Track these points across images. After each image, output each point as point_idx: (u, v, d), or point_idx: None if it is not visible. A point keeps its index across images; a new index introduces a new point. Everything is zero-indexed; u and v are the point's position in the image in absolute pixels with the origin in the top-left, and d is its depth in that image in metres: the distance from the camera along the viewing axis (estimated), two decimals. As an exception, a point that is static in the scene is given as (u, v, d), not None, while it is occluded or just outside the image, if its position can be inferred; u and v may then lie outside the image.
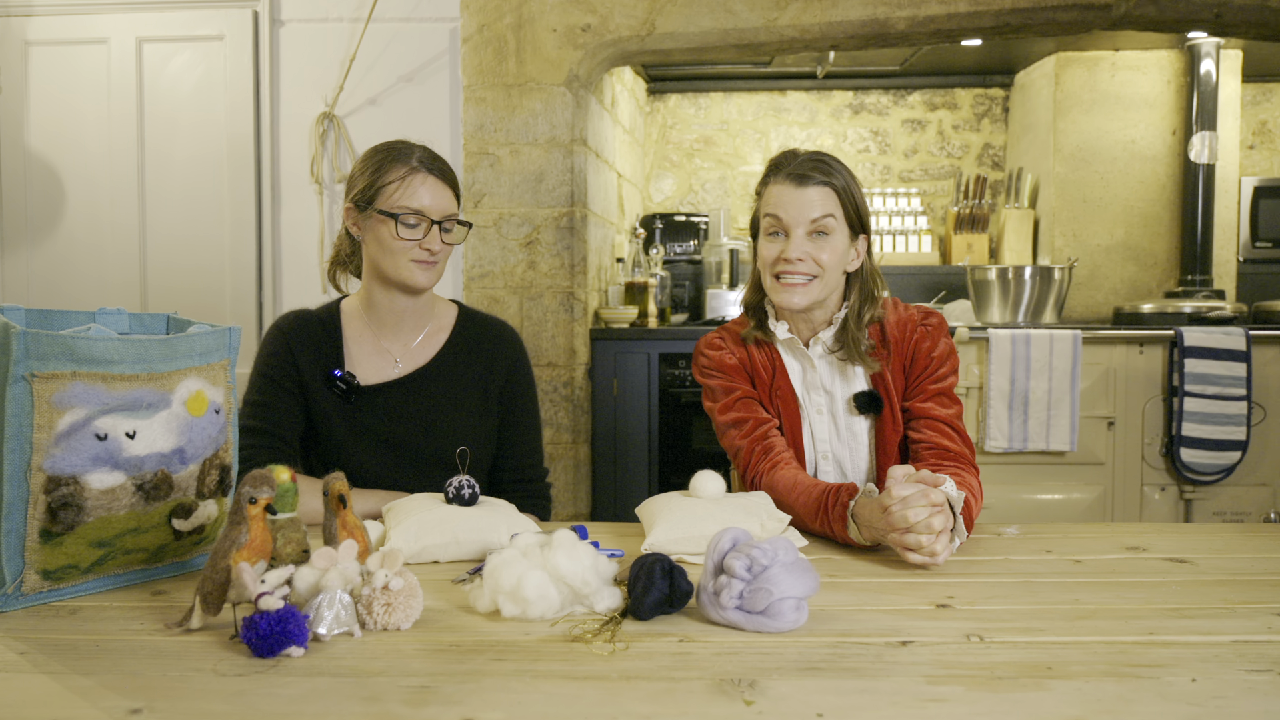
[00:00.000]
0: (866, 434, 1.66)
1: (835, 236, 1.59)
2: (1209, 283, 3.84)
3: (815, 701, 0.83)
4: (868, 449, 1.67)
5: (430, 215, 1.61)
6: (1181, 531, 1.53)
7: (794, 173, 1.59)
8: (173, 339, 1.17)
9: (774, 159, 1.65)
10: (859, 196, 1.61)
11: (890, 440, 1.64)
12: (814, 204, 1.57)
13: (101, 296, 3.31)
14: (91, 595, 1.15)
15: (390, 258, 1.61)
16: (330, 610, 0.98)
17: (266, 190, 3.32)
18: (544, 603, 1.04)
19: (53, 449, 1.07)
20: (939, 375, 1.63)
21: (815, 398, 1.68)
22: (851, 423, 1.66)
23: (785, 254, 1.58)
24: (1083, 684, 0.87)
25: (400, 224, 1.59)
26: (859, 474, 1.68)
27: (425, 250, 1.61)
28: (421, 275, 1.62)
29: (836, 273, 1.61)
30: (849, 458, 1.67)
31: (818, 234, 1.58)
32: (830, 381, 1.67)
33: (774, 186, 1.61)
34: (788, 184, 1.59)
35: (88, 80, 3.33)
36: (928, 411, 1.61)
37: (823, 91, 4.51)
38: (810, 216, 1.57)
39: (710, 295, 3.85)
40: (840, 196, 1.59)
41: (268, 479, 1.07)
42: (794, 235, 1.58)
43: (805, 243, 1.57)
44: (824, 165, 1.60)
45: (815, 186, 1.58)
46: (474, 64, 3.14)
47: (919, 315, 1.67)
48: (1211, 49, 3.78)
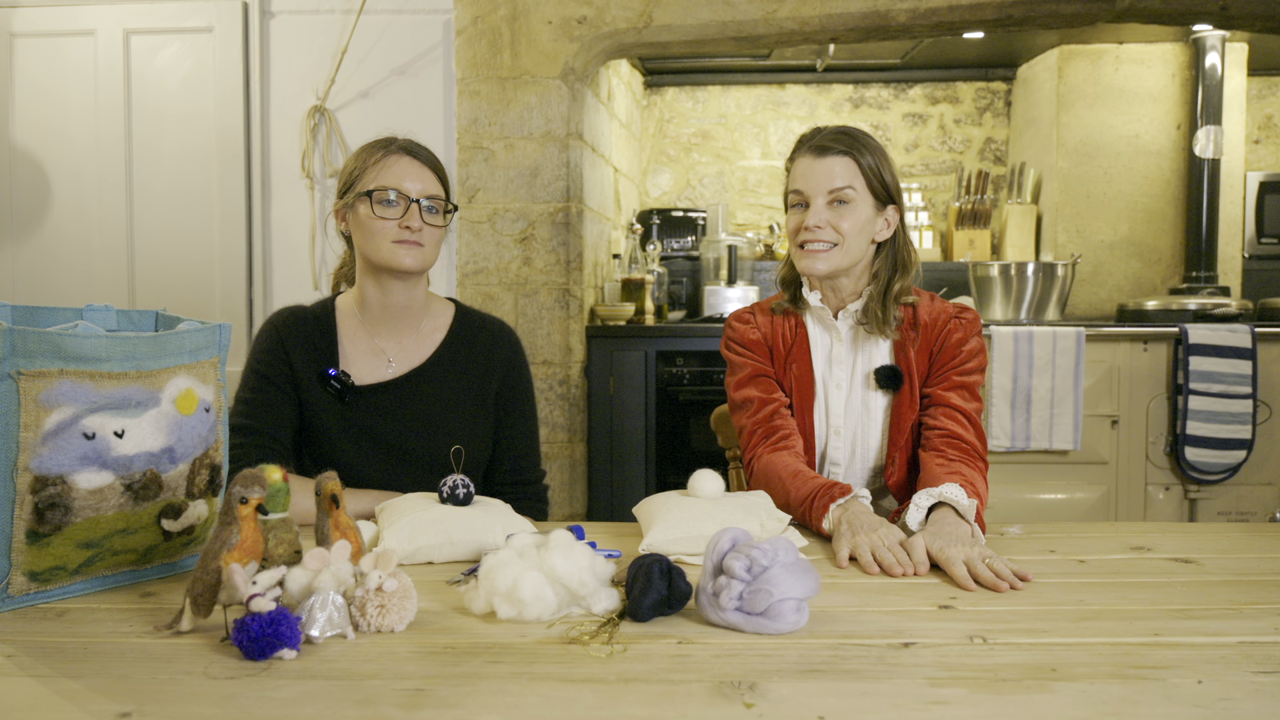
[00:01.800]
0: (882, 412, 1.70)
1: (857, 205, 1.65)
2: (1214, 279, 3.84)
3: (816, 704, 0.83)
4: (881, 427, 1.70)
5: (409, 194, 1.61)
6: (1187, 531, 1.53)
7: (816, 145, 1.67)
8: (162, 336, 1.16)
9: (801, 135, 1.73)
10: (885, 168, 1.67)
11: (905, 419, 1.67)
12: (834, 174, 1.64)
13: (89, 293, 3.30)
14: (80, 597, 1.14)
15: (372, 240, 1.61)
16: (323, 612, 0.98)
17: (257, 185, 3.31)
18: (540, 604, 1.03)
19: (40, 448, 1.06)
20: (965, 369, 1.66)
21: (837, 372, 1.72)
22: (868, 399, 1.70)
23: (805, 222, 1.65)
24: (1087, 686, 0.87)
25: (375, 202, 1.59)
26: (869, 452, 1.70)
27: (405, 229, 1.60)
28: (406, 256, 1.61)
29: (860, 241, 1.66)
30: (860, 435, 1.70)
31: (838, 203, 1.64)
32: (852, 355, 1.72)
33: (798, 160, 1.70)
34: (809, 156, 1.67)
35: (74, 73, 3.32)
36: (947, 400, 1.64)
37: (822, 85, 4.51)
38: (829, 186, 1.64)
39: (708, 292, 3.85)
40: (862, 168, 1.65)
41: (259, 478, 1.07)
42: (814, 204, 1.65)
43: (825, 211, 1.64)
44: (845, 137, 1.66)
45: (835, 157, 1.65)
46: (468, 56, 3.14)
47: (954, 309, 1.71)
48: (1217, 42, 3.79)
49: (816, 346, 1.73)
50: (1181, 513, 3.35)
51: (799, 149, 1.70)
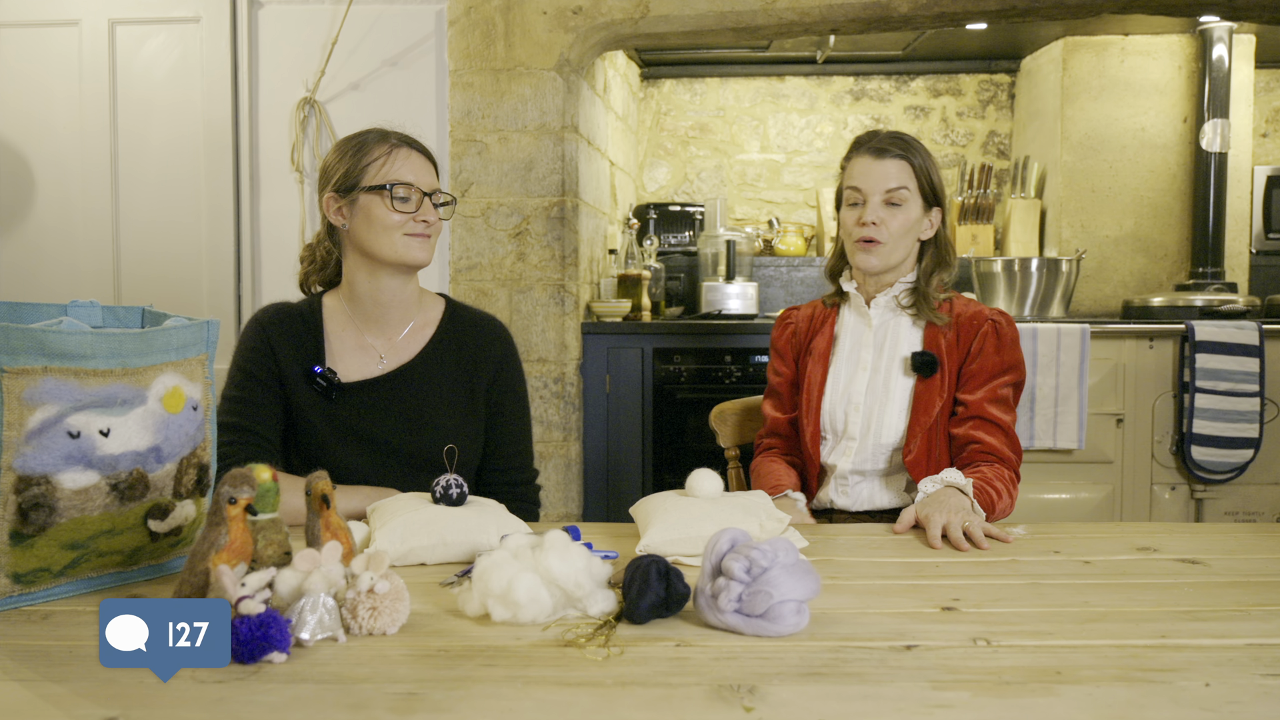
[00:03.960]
0: (907, 395, 1.80)
1: (908, 206, 1.80)
2: (1221, 275, 3.85)
3: (817, 708, 0.83)
4: (901, 409, 1.80)
5: (420, 187, 1.64)
6: (1193, 532, 1.53)
7: (874, 147, 1.81)
8: (148, 333, 1.16)
9: (858, 137, 1.87)
10: (934, 172, 1.84)
11: (931, 404, 1.77)
12: (890, 175, 1.79)
13: (73, 288, 3.29)
14: (64, 599, 1.14)
15: (385, 235, 1.62)
16: (313, 614, 0.98)
17: (245, 178, 3.30)
18: (535, 606, 1.03)
19: (23, 447, 1.06)
20: (1003, 378, 1.77)
21: (864, 355, 1.85)
22: (891, 382, 1.81)
23: (862, 218, 1.79)
24: (1093, 689, 0.87)
25: (393, 196, 1.62)
26: (892, 432, 1.79)
27: (421, 222, 1.64)
28: (419, 249, 1.64)
29: (907, 239, 1.82)
30: (877, 414, 1.80)
31: (891, 204, 1.79)
32: (881, 340, 1.85)
33: (856, 160, 1.84)
34: (868, 157, 1.82)
35: (58, 64, 3.31)
36: (986, 412, 1.75)
37: (822, 77, 4.51)
38: (886, 186, 1.79)
39: (706, 288, 3.85)
40: (915, 170, 1.81)
41: (248, 478, 1.07)
42: (870, 202, 1.79)
43: (880, 209, 1.79)
44: (901, 141, 1.82)
45: (892, 160, 1.80)
46: (461, 47, 3.13)
47: (991, 311, 1.83)
48: (1224, 34, 3.79)
49: (847, 330, 1.89)
50: (1188, 513, 3.35)
51: (856, 149, 1.84)
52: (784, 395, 1.95)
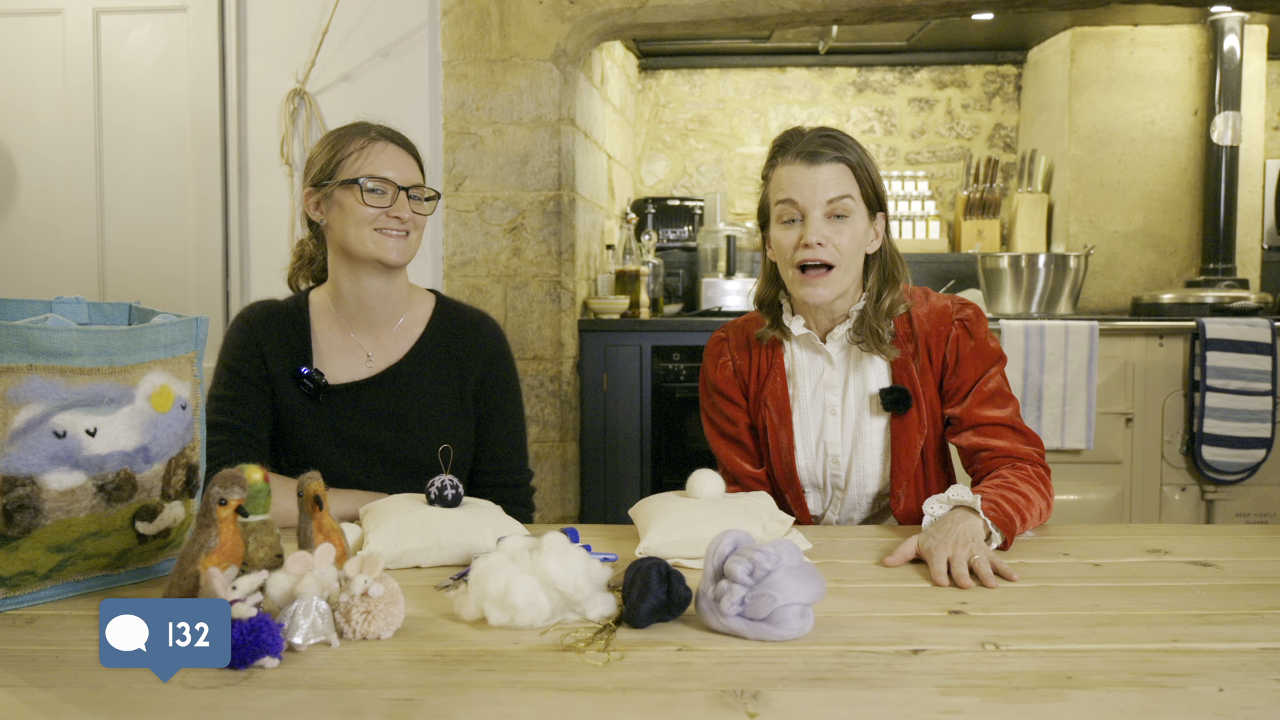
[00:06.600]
0: (881, 435, 1.62)
1: (854, 218, 1.55)
2: (1232, 271, 3.85)
3: (822, 714, 0.83)
4: (880, 452, 1.62)
5: (396, 182, 1.61)
6: (1205, 533, 1.54)
7: (804, 151, 1.54)
8: (135, 330, 1.16)
9: (778, 139, 1.60)
10: (874, 172, 1.58)
11: (912, 443, 1.59)
12: (829, 183, 1.53)
13: (58, 284, 3.29)
14: (50, 603, 1.14)
15: (357, 230, 1.60)
16: (306, 618, 0.98)
17: (233, 171, 3.30)
18: (533, 610, 1.03)
19: (8, 447, 1.06)
20: (987, 375, 1.59)
21: (830, 397, 1.64)
22: (862, 423, 1.62)
23: (805, 239, 1.53)
24: (1104, 694, 0.87)
25: (364, 190, 1.59)
26: (872, 479, 1.63)
27: (394, 219, 1.60)
28: (393, 248, 1.61)
29: (858, 258, 1.58)
30: (857, 461, 1.63)
31: (835, 216, 1.54)
32: (845, 378, 1.64)
33: (783, 168, 1.56)
34: (799, 164, 1.54)
35: (41, 54, 3.30)
36: (981, 417, 1.58)
37: (825, 68, 4.51)
38: (826, 197, 1.53)
39: (706, 284, 3.85)
40: (856, 173, 1.55)
41: (239, 479, 1.07)
42: (811, 218, 1.53)
43: (824, 226, 1.53)
44: (835, 140, 1.55)
45: (829, 164, 1.53)
46: (455, 38, 3.13)
47: (954, 306, 1.63)
48: (1235, 24, 3.79)
49: (802, 372, 1.66)
50: (1199, 514, 3.36)
51: (781, 155, 1.57)
52: (748, 444, 1.71)
